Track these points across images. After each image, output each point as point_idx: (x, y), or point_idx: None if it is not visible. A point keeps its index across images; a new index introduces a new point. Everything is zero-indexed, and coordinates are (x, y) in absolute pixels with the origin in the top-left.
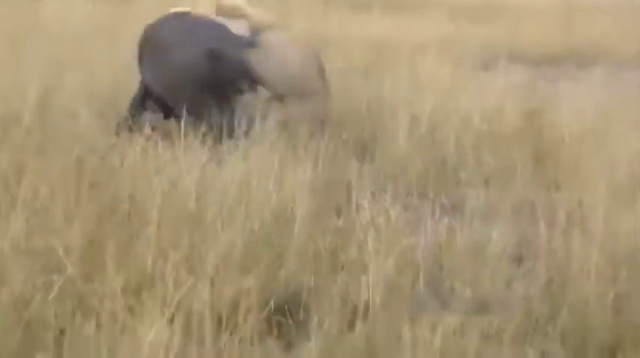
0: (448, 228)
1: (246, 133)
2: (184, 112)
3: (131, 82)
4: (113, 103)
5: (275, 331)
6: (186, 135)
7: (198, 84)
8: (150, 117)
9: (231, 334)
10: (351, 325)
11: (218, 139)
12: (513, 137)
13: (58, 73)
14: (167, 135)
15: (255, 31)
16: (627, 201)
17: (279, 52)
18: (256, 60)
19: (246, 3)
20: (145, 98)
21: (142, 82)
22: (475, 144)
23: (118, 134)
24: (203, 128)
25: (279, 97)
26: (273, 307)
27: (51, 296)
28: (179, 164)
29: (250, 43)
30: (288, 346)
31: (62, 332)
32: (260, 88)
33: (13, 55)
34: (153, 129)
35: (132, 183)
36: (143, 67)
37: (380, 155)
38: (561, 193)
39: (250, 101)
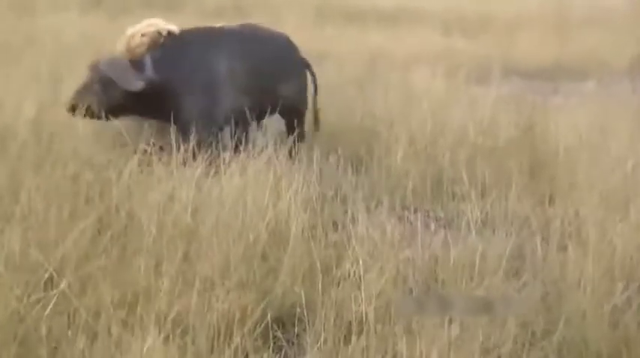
0: (444, 241)
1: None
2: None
3: None
4: None
5: (271, 345)
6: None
7: None
8: None
9: (226, 348)
10: (347, 339)
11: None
12: (508, 150)
13: (54, 87)
14: (163, 150)
15: None
16: (622, 213)
17: None
18: None
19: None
20: None
21: None
22: (470, 158)
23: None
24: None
25: None
26: (269, 321)
27: (46, 312)
28: (175, 178)
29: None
30: None
31: (56, 347)
32: None
33: (8, 69)
34: (148, 144)
35: (127, 197)
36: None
37: (375, 169)
38: (556, 206)
39: None
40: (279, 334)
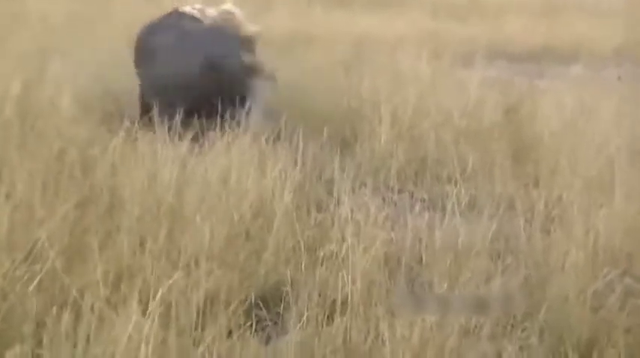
0: (428, 223)
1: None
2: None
3: (114, 73)
4: (95, 94)
5: (254, 324)
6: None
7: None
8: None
9: (210, 327)
10: (330, 319)
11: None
12: (492, 133)
13: (40, 64)
14: (147, 128)
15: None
16: (606, 197)
17: None
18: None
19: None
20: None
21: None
22: (455, 140)
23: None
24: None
25: None
26: (252, 300)
27: (30, 288)
28: (159, 157)
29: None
30: (267, 339)
31: (41, 324)
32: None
33: None
34: (133, 122)
35: (112, 175)
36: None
37: (360, 150)
38: (540, 189)
39: None
40: (262, 313)
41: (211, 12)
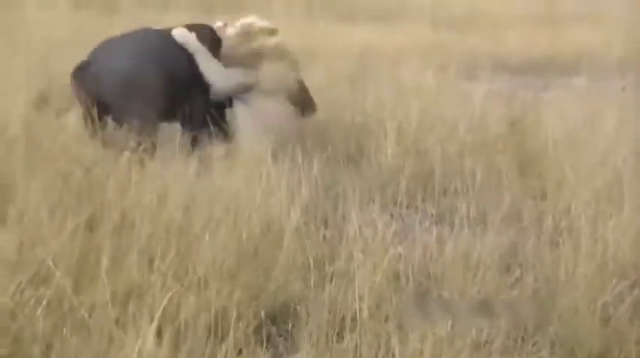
0: (436, 237)
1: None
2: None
3: None
4: None
5: (264, 342)
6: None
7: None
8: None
9: (220, 345)
10: (340, 336)
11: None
12: (498, 146)
13: (44, 83)
14: (151, 147)
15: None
16: (614, 208)
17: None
18: None
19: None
20: None
21: None
22: (460, 154)
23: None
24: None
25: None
26: (262, 318)
27: (39, 309)
28: (165, 176)
29: None
30: (277, 357)
31: (50, 345)
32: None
33: None
34: (138, 142)
35: (119, 195)
36: None
37: (367, 166)
38: (548, 201)
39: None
40: (272, 330)
41: (230, 30)
